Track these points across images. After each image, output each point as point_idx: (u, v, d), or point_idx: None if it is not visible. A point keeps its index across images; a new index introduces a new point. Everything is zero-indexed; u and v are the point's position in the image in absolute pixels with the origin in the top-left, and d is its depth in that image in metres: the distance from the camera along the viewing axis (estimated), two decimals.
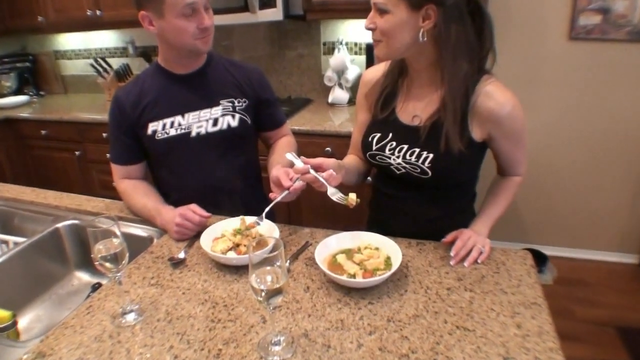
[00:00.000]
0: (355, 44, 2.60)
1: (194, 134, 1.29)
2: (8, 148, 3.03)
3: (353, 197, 1.02)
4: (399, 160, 1.10)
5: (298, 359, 0.78)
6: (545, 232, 2.65)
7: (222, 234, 1.11)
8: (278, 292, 0.75)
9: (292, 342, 0.81)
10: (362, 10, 1.24)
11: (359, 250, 1.02)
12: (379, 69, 1.18)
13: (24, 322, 1.18)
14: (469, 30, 0.97)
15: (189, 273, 1.05)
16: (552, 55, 2.29)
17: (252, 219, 1.14)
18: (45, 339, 0.86)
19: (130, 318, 0.90)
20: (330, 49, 2.64)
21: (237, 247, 1.06)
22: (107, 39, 3.26)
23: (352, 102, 2.53)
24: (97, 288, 1.13)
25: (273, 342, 0.80)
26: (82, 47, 3.40)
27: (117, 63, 3.13)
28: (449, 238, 1.07)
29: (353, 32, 2.57)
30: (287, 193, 1.05)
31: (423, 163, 1.06)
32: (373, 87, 1.19)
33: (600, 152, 2.40)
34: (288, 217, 2.35)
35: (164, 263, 1.09)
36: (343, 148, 1.58)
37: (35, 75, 3.58)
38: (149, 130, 1.28)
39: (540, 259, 2.42)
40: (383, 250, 1.02)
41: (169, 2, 1.13)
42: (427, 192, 1.14)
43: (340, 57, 2.47)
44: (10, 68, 3.46)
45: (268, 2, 2.23)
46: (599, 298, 2.29)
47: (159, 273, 1.05)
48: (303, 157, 1.05)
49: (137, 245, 1.17)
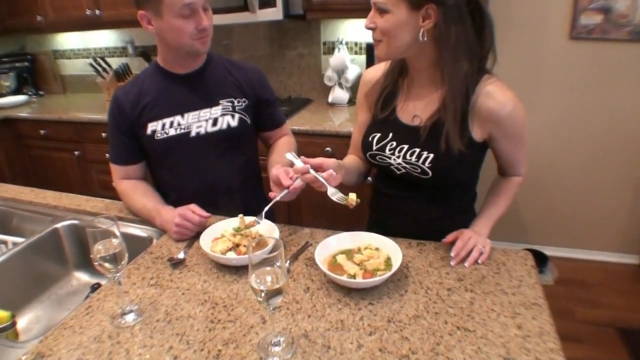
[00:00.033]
0: (356, 44, 2.59)
1: (194, 134, 1.29)
2: (7, 148, 3.03)
3: (353, 197, 1.01)
4: (399, 160, 1.09)
5: None
6: (546, 232, 2.65)
7: (221, 234, 1.11)
8: (278, 292, 0.75)
9: (292, 342, 0.81)
10: (362, 10, 1.24)
11: (359, 251, 1.02)
12: (379, 69, 1.18)
13: (23, 322, 1.18)
14: (469, 30, 0.97)
15: (189, 273, 1.04)
16: (552, 55, 2.29)
17: (251, 218, 1.13)
18: (44, 340, 0.86)
19: (130, 318, 0.89)
20: (330, 49, 2.64)
21: (236, 247, 1.06)
22: (106, 39, 3.26)
23: (352, 102, 2.53)
24: (96, 288, 1.13)
25: (273, 342, 0.80)
26: (81, 46, 3.40)
27: (116, 63, 3.13)
28: (450, 238, 1.07)
29: (353, 31, 2.57)
30: (286, 192, 1.05)
31: (423, 163, 1.06)
32: (373, 86, 1.18)
33: (601, 152, 2.40)
34: (288, 217, 2.34)
35: (164, 263, 1.09)
36: (343, 148, 1.58)
37: (34, 75, 3.58)
38: (149, 130, 1.28)
39: (541, 260, 2.42)
40: (383, 251, 1.02)
41: (167, 2, 1.12)
42: (427, 192, 1.14)
43: (341, 56, 2.47)
44: (9, 68, 3.46)
45: (268, 1, 2.22)
46: (600, 299, 2.29)
47: (159, 273, 1.05)
48: (303, 156, 1.05)
49: (136, 246, 1.17)
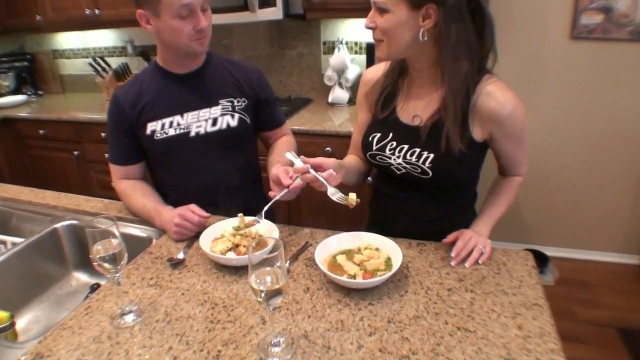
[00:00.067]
0: (356, 43, 2.59)
1: (193, 134, 1.29)
2: (6, 148, 3.02)
3: (353, 197, 1.01)
4: (400, 161, 1.09)
5: None
6: (547, 232, 2.65)
7: (221, 235, 1.11)
8: (278, 292, 0.74)
9: (291, 343, 0.81)
10: (362, 10, 1.23)
11: (359, 251, 1.02)
12: (379, 69, 1.18)
13: (22, 323, 1.17)
14: (470, 30, 0.97)
15: (188, 274, 1.04)
16: (553, 55, 2.29)
17: (251, 218, 1.13)
18: (44, 340, 0.85)
19: (129, 319, 0.89)
20: (331, 48, 2.64)
21: (236, 247, 1.06)
22: (105, 38, 3.26)
23: (352, 101, 2.52)
24: (95, 289, 1.12)
25: (273, 343, 0.80)
26: (80, 46, 3.39)
27: (115, 62, 3.13)
28: (450, 238, 1.06)
29: (353, 31, 2.57)
30: (286, 191, 1.05)
31: (424, 163, 1.06)
32: (373, 86, 1.18)
33: (602, 152, 2.39)
34: (288, 217, 2.34)
35: (163, 264, 1.08)
36: (343, 148, 1.58)
37: (33, 75, 3.57)
38: (148, 130, 1.28)
39: (542, 260, 2.41)
40: (383, 251, 1.01)
41: (165, 2, 1.11)
42: (427, 192, 1.13)
43: (341, 56, 2.47)
44: (8, 67, 3.45)
45: (268, 1, 2.22)
46: (601, 299, 2.29)
47: (158, 274, 1.05)
48: (303, 156, 1.05)
49: (136, 246, 1.16)
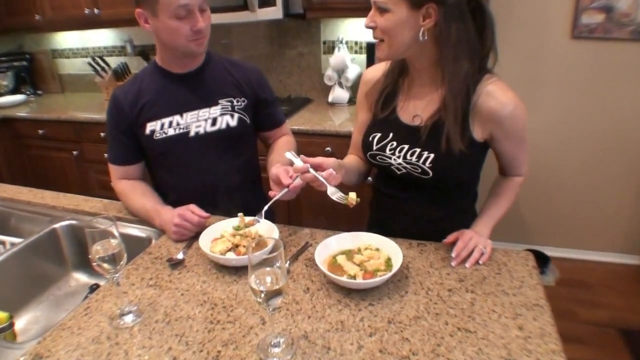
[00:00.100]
0: (356, 43, 2.59)
1: (193, 134, 1.28)
2: (5, 148, 3.02)
3: (353, 196, 1.01)
4: (400, 161, 1.09)
5: None
6: (547, 232, 2.64)
7: (221, 235, 1.10)
8: (277, 293, 0.74)
9: (291, 343, 0.81)
10: (362, 9, 1.23)
11: (359, 251, 1.01)
12: (380, 68, 1.17)
13: (21, 323, 1.17)
14: (470, 29, 0.96)
15: (188, 274, 1.04)
16: (554, 55, 2.28)
17: (251, 218, 1.13)
18: (43, 341, 0.85)
19: (129, 319, 0.89)
20: (331, 48, 2.63)
21: (236, 247, 1.06)
22: (105, 38, 3.25)
23: (352, 101, 2.52)
24: (94, 289, 1.12)
25: (272, 343, 0.79)
26: (79, 45, 3.39)
27: (115, 62, 3.12)
28: (450, 239, 1.06)
29: (353, 30, 2.56)
30: (286, 191, 1.04)
31: (424, 163, 1.05)
32: (373, 86, 1.18)
33: (603, 152, 2.39)
34: (288, 217, 2.34)
35: (163, 264, 1.08)
36: (343, 148, 1.58)
37: (33, 74, 3.56)
38: (147, 130, 1.27)
39: (542, 260, 2.41)
40: (383, 251, 1.01)
41: (163, 2, 1.11)
42: (428, 192, 1.13)
43: (341, 56, 2.46)
44: (7, 67, 3.45)
45: (268, 0, 2.21)
46: (601, 299, 2.28)
47: (158, 274, 1.05)
48: (302, 156, 1.05)
49: (135, 246, 1.16)
